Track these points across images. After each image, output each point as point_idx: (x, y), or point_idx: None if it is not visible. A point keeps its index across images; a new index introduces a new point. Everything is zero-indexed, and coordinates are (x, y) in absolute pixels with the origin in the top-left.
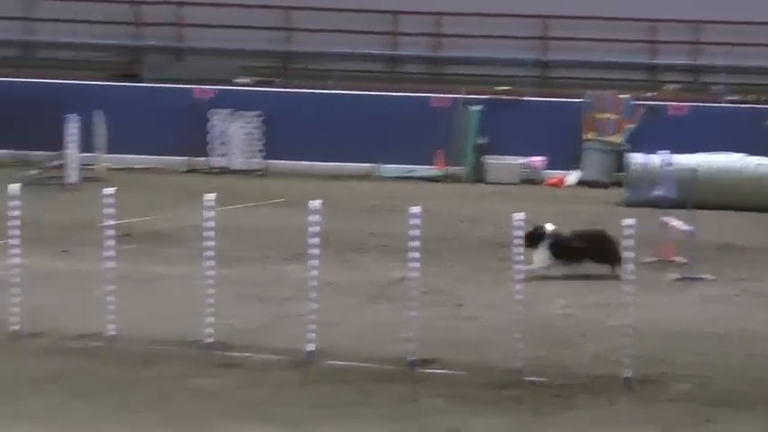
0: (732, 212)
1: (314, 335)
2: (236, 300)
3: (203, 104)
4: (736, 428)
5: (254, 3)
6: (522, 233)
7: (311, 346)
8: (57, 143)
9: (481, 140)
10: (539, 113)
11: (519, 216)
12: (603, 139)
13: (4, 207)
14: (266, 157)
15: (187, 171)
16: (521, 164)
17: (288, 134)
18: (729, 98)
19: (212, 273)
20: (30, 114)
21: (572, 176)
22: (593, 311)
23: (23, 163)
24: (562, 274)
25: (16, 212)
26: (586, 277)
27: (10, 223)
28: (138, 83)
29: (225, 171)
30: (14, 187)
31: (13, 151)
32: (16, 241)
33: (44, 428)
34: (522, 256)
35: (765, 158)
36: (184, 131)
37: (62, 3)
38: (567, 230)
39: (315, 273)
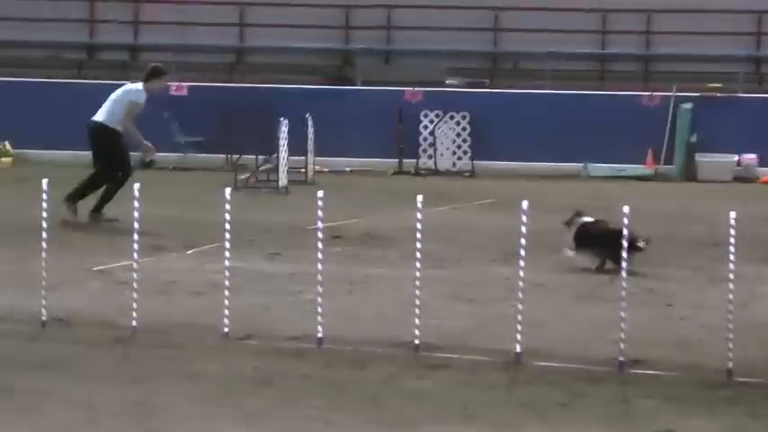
0: None
1: (522, 335)
2: (445, 300)
3: (413, 106)
4: None
5: (461, 4)
6: (733, 232)
7: (519, 347)
8: (269, 147)
9: (693, 138)
10: (752, 110)
11: (732, 215)
12: None
13: (218, 211)
14: (474, 158)
15: (395, 173)
16: (734, 161)
17: (496, 135)
18: None
19: (421, 274)
20: (242, 119)
21: None
22: None
23: (236, 167)
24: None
25: (229, 216)
26: None
27: (224, 227)
28: (349, 86)
29: (433, 172)
30: (228, 191)
31: (226, 155)
32: (228, 245)
33: (257, 430)
34: (733, 256)
35: None
36: (393, 134)
37: (273, 8)
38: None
39: (524, 273)
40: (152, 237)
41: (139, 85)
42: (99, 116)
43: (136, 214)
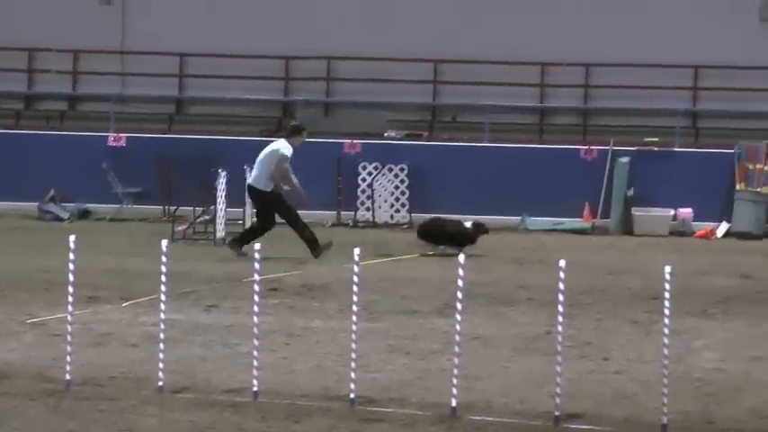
0: None
1: (458, 389)
2: (382, 353)
3: (352, 158)
4: None
5: (402, 56)
6: (668, 286)
7: (455, 401)
8: (207, 198)
9: (629, 192)
10: (689, 164)
11: (668, 269)
12: (756, 190)
13: (156, 262)
14: (412, 211)
15: (334, 225)
16: (670, 215)
17: (434, 187)
18: None
19: (358, 326)
20: (181, 170)
21: (722, 228)
22: (746, 365)
23: (174, 218)
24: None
25: (166, 268)
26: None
27: (160, 278)
28: None
29: (371, 225)
30: (165, 243)
31: (163, 206)
32: (164, 297)
33: None
34: (668, 310)
35: None
36: (333, 185)
37: (214, 59)
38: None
39: (461, 326)
40: (88, 288)
41: (283, 142)
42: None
43: (71, 266)
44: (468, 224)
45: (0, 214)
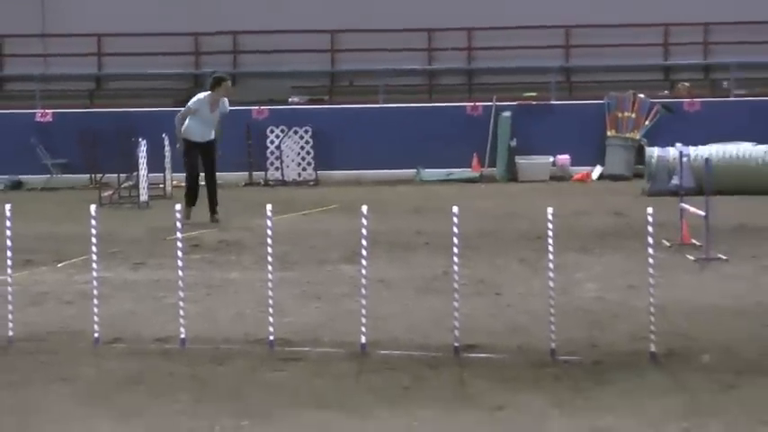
0: (744, 196)
1: (366, 328)
2: (296, 299)
3: (260, 123)
4: (758, 393)
5: (301, 28)
6: (551, 226)
7: (364, 339)
8: (129, 166)
9: (512, 143)
10: (564, 115)
11: (550, 210)
12: (624, 135)
13: (85, 226)
14: (317, 168)
15: (246, 185)
16: (549, 162)
17: (336, 146)
18: (737, 92)
19: (273, 276)
20: (104, 141)
21: (596, 171)
22: (622, 293)
23: (100, 185)
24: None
25: (95, 230)
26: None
27: (90, 240)
28: None
29: (280, 183)
30: (93, 207)
31: (90, 175)
32: (95, 257)
33: (129, 425)
34: (552, 247)
35: None
36: (243, 148)
37: (129, 38)
38: None
39: (366, 271)
40: (24, 252)
41: (199, 95)
42: None
43: (8, 232)
44: None
45: None
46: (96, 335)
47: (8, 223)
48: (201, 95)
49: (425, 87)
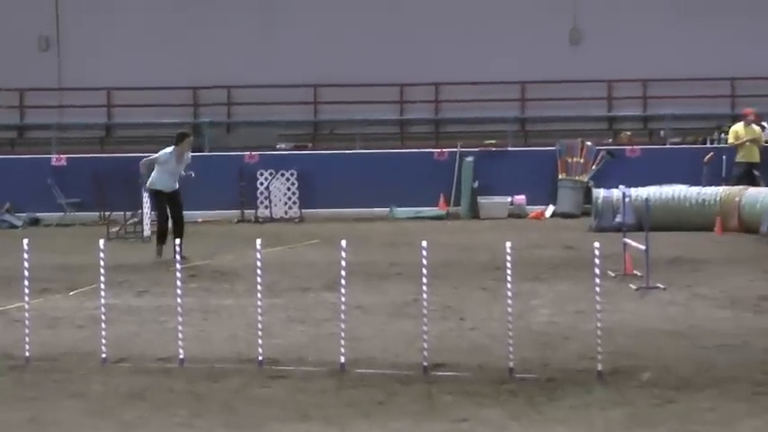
0: (679, 232)
1: (346, 349)
2: (283, 323)
3: (251, 167)
4: (693, 406)
5: (287, 83)
6: (509, 258)
7: (344, 358)
8: (134, 205)
9: (475, 184)
10: (520, 160)
11: (509, 244)
12: (573, 178)
13: (95, 258)
14: (302, 207)
15: (238, 221)
16: (508, 202)
17: (319, 187)
18: (673, 140)
19: (262, 302)
20: (112, 182)
21: (549, 210)
22: (571, 318)
23: (108, 222)
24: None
25: (103, 262)
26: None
27: (99, 271)
28: (199, 152)
29: (269, 220)
30: (101, 242)
31: (99, 213)
32: (103, 285)
33: None
34: (510, 277)
35: (704, 188)
36: (236, 189)
37: (136, 91)
38: None
39: (345, 298)
40: (40, 282)
41: (167, 149)
42: None
43: (26, 264)
44: None
45: None
46: (104, 355)
47: (26, 255)
48: (168, 150)
49: (397, 135)
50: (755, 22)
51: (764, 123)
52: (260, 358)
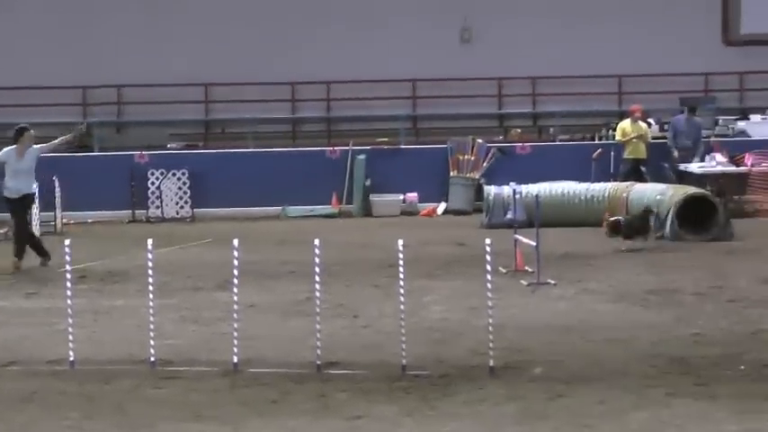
0: (569, 228)
1: (239, 348)
2: (176, 323)
3: (142, 167)
4: (583, 400)
5: (179, 82)
6: (401, 255)
7: (237, 358)
8: None
9: (367, 182)
10: (412, 158)
11: (401, 242)
12: (465, 175)
13: None
14: (194, 206)
15: (130, 222)
16: (400, 199)
17: (211, 186)
18: (562, 137)
19: (154, 302)
20: None
21: (441, 207)
22: (464, 314)
23: None
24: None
25: None
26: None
27: None
28: (89, 152)
29: (161, 220)
30: None
31: None
32: None
33: None
34: (403, 274)
35: (593, 184)
36: (127, 189)
37: (20, 90)
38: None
39: (238, 297)
40: None
41: (7, 148)
42: None
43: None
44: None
45: None
46: None
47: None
48: (7, 148)
49: (289, 134)
50: (642, 20)
51: (651, 120)
52: (152, 359)
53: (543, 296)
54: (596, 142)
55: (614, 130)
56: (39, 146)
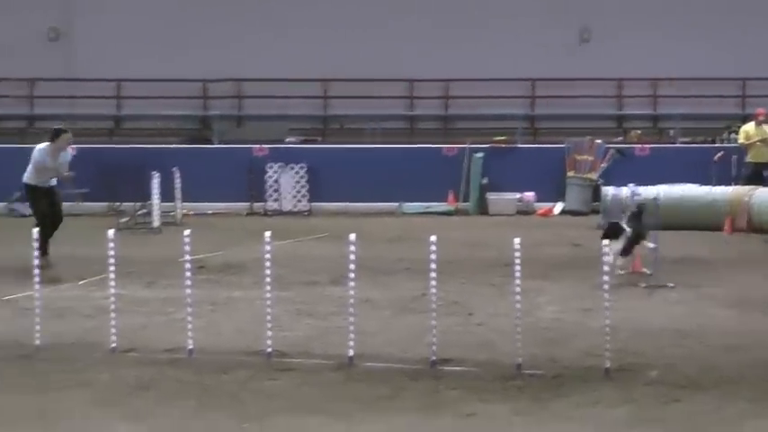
0: (688, 232)
1: (354, 342)
2: (291, 316)
3: (260, 160)
4: (698, 406)
5: (297, 77)
6: (517, 254)
7: (351, 352)
8: (143, 196)
9: (484, 181)
10: (529, 157)
11: (517, 241)
12: (582, 176)
13: (104, 249)
14: (311, 201)
15: (248, 214)
16: (516, 198)
17: (328, 181)
18: (682, 140)
19: (271, 295)
20: (121, 173)
21: (558, 207)
22: (579, 315)
23: (117, 212)
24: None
25: (113, 252)
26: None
27: (108, 261)
28: (209, 145)
29: (278, 213)
30: (111, 232)
31: (108, 203)
32: (112, 276)
33: (141, 427)
34: (518, 273)
35: (714, 187)
36: (245, 182)
37: (145, 83)
38: None
39: (353, 292)
40: (49, 271)
41: (42, 146)
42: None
43: (36, 253)
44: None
45: None
46: (113, 345)
47: (36, 245)
48: (43, 147)
49: (407, 131)
50: (766, 22)
51: None
52: (268, 350)
53: (660, 299)
54: (718, 145)
55: (736, 133)
56: (69, 155)
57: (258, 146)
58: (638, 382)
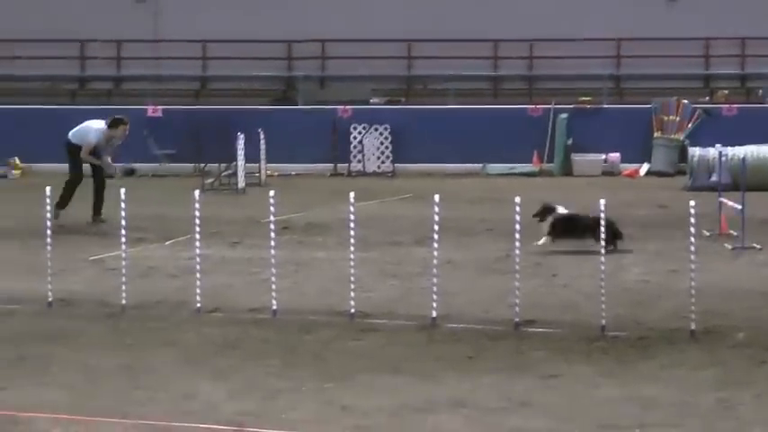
0: None
1: (436, 303)
2: (375, 277)
3: (344, 121)
4: None
5: (381, 37)
6: (603, 215)
7: (435, 313)
8: (229, 156)
9: (568, 141)
10: (615, 118)
11: (602, 201)
12: (669, 136)
13: (190, 209)
14: (394, 162)
15: (331, 175)
16: (601, 159)
17: (411, 142)
18: None
19: (354, 256)
20: (206, 134)
21: (643, 168)
22: (664, 277)
23: (203, 173)
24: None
25: (198, 213)
26: (657, 252)
27: (194, 222)
28: (293, 106)
29: (362, 174)
30: (196, 193)
31: (194, 164)
32: (198, 236)
33: (226, 384)
34: (604, 234)
35: None
36: (330, 143)
37: (230, 44)
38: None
39: (436, 253)
40: (136, 231)
41: (100, 128)
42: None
43: (123, 213)
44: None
45: (62, 174)
46: (198, 305)
47: (123, 205)
48: (99, 129)
49: (491, 91)
50: None
51: None
52: (351, 311)
53: (747, 261)
54: None
55: None
56: (116, 144)
57: (342, 107)
58: (725, 345)
